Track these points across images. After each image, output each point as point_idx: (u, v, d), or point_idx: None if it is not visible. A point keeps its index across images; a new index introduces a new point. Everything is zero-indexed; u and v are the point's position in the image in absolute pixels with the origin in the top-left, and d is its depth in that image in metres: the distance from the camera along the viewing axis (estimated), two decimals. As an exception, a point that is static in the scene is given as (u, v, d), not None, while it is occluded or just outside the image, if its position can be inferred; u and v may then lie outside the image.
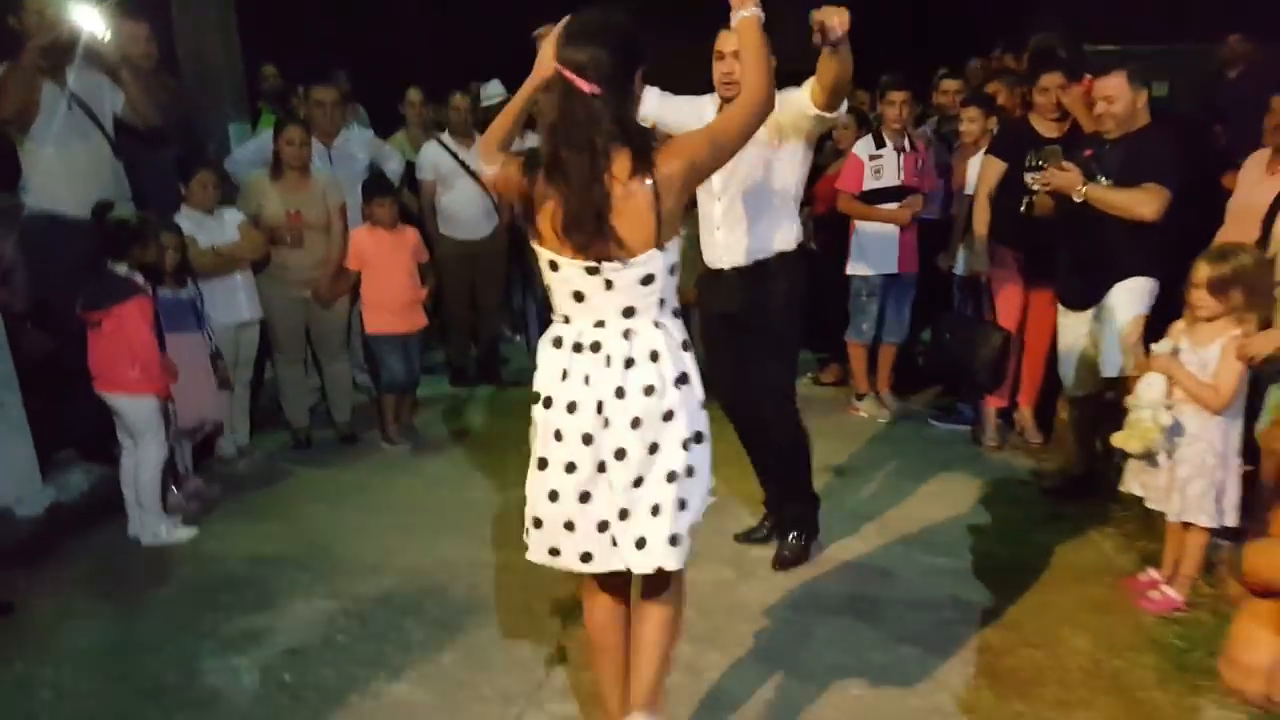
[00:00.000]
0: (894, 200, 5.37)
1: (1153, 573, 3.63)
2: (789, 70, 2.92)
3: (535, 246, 2.30)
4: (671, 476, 2.29)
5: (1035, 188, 4.41)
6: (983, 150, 5.11)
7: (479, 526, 4.33)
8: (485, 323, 6.61)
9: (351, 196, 5.40)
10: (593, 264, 2.20)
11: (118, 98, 4.66)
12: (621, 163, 2.13)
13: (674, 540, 2.31)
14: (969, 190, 5.21)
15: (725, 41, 3.36)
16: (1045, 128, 4.78)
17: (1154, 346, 3.51)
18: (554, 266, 2.27)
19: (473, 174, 6.04)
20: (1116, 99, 4.06)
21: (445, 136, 6.18)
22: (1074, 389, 4.49)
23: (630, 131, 2.17)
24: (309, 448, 5.41)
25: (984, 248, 4.98)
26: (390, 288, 5.23)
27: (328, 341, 5.39)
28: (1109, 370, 4.10)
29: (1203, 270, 3.29)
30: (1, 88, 4.21)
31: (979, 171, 5.04)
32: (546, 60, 2.26)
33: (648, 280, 2.22)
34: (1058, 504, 4.41)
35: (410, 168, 6.29)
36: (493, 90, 6.58)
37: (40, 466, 4.40)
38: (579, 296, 2.27)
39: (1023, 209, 4.61)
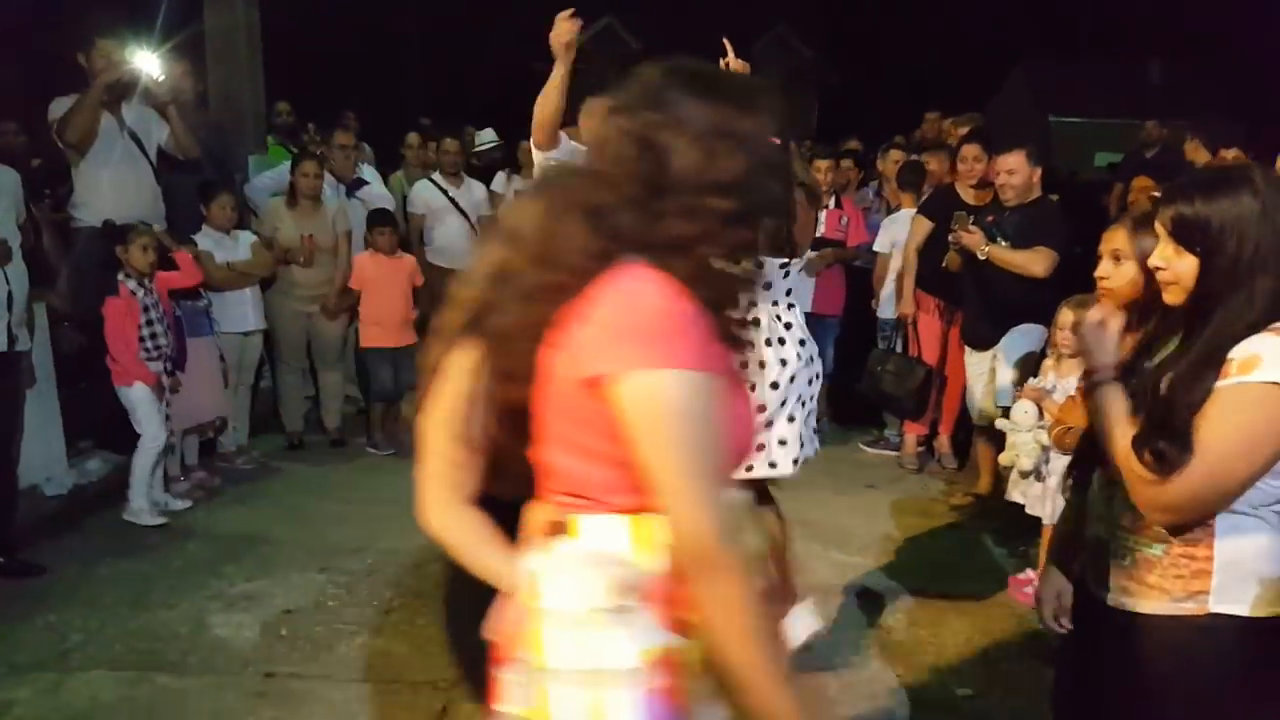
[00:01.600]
0: (815, 250, 6.02)
1: (1029, 572, 4.24)
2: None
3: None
4: None
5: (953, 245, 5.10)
6: (899, 213, 5.84)
7: (453, 519, 4.90)
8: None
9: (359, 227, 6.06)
10: None
11: (163, 131, 5.31)
12: None
13: None
14: (877, 248, 5.99)
15: None
16: (967, 194, 5.41)
17: (1029, 381, 4.14)
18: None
19: (461, 210, 6.69)
20: (1016, 172, 4.72)
21: (437, 176, 6.82)
22: (978, 419, 5.12)
23: None
24: (302, 449, 5.98)
25: (910, 293, 5.63)
26: (386, 307, 5.85)
27: (326, 353, 5.99)
28: (1003, 400, 4.74)
29: (1065, 314, 3.90)
30: (70, 117, 4.86)
31: (910, 228, 5.69)
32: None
33: None
34: (960, 516, 5.03)
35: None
36: (486, 137, 7.29)
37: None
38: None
39: (944, 264, 5.29)
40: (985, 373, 4.94)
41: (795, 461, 3.16)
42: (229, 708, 3.24)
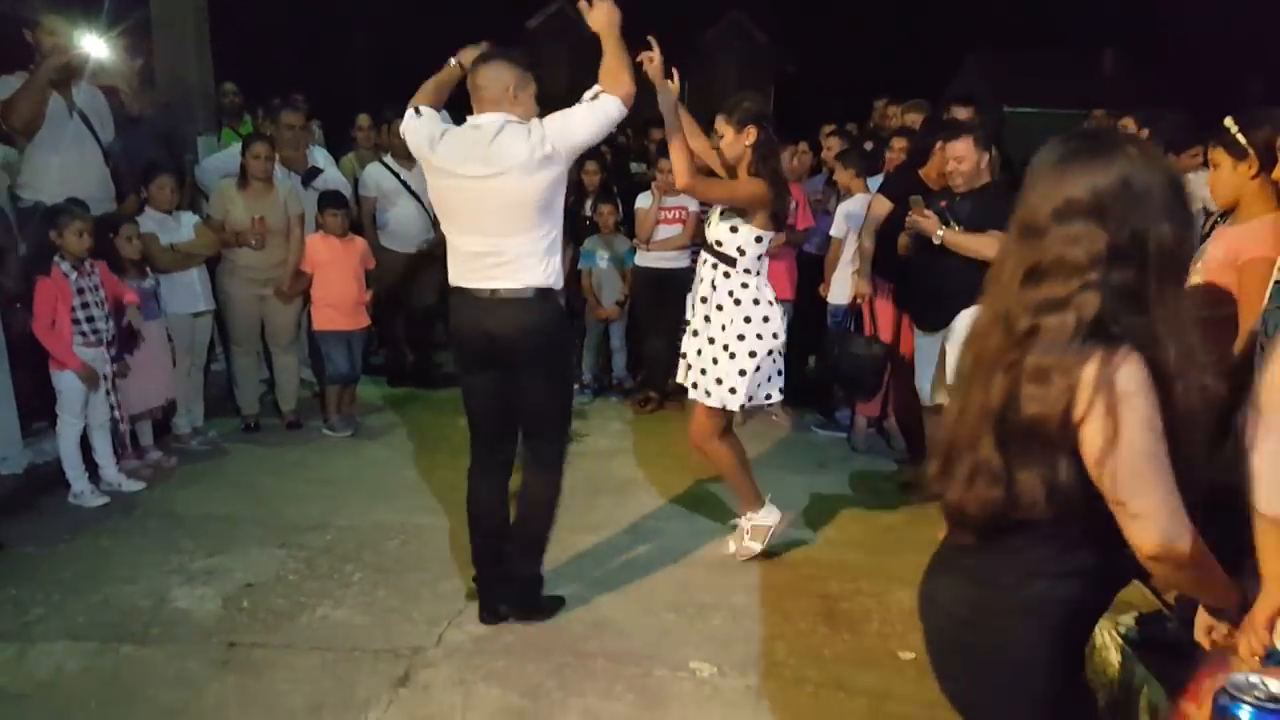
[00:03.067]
0: None
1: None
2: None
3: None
4: None
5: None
6: (856, 196, 5.96)
7: (411, 497, 4.98)
8: (421, 329, 7.25)
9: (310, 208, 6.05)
10: None
11: (108, 119, 5.28)
12: None
13: None
14: (833, 232, 6.07)
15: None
16: (929, 178, 5.51)
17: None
18: None
19: (413, 192, 6.71)
20: (965, 159, 4.86)
21: (388, 158, 6.83)
22: (928, 400, 5.27)
23: None
24: (258, 431, 5.99)
25: (868, 274, 5.74)
26: (338, 289, 5.87)
27: (280, 335, 5.99)
28: (950, 382, 4.88)
29: None
30: (16, 102, 4.80)
31: (868, 208, 5.79)
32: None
33: None
34: (908, 495, 5.18)
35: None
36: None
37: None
38: None
39: (899, 248, 5.43)
40: (935, 355, 5.08)
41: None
42: (193, 675, 3.29)
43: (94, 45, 4.95)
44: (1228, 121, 3.10)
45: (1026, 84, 29.31)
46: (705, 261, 4.27)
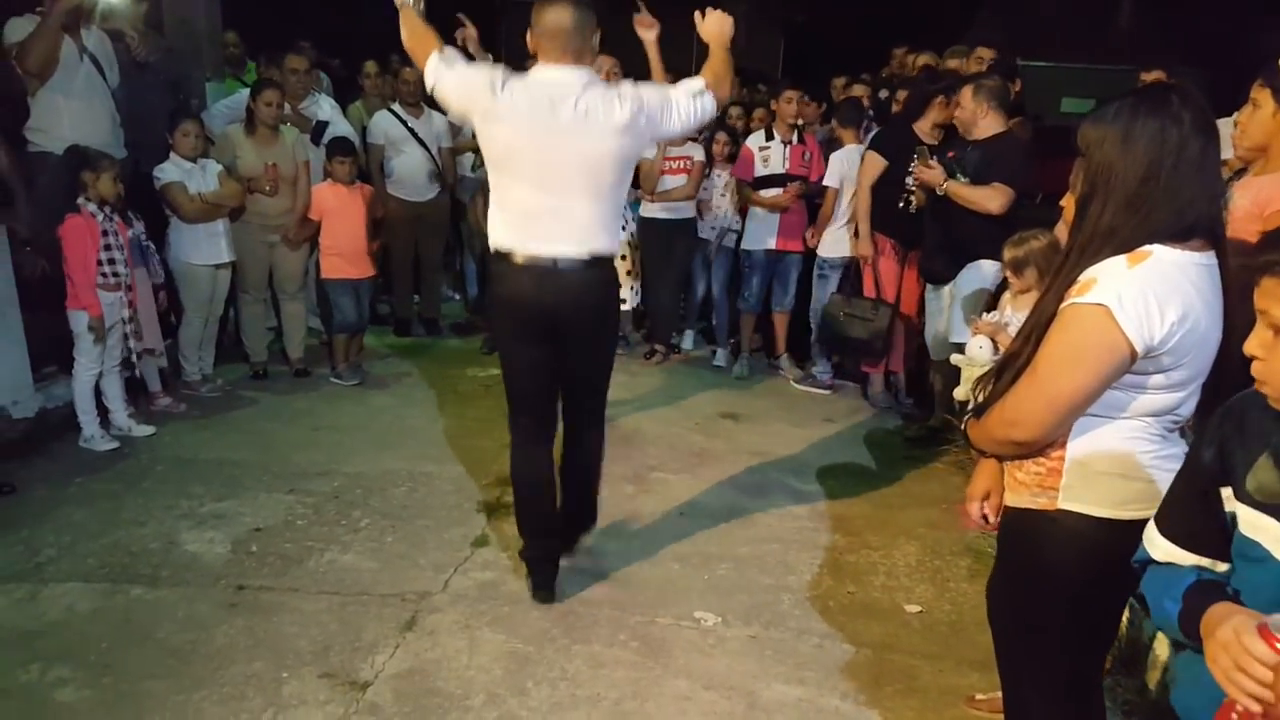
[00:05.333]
0: (779, 186, 6.11)
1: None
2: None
3: None
4: None
5: (912, 185, 5.19)
6: (845, 149, 5.93)
7: (417, 446, 4.99)
8: (428, 279, 7.24)
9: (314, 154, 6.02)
10: None
11: (115, 65, 5.23)
12: None
13: None
14: (828, 182, 5.99)
15: None
16: (923, 131, 5.49)
17: (984, 315, 4.27)
18: None
19: (421, 141, 6.67)
20: (964, 107, 4.82)
21: (396, 106, 6.78)
22: (935, 354, 5.26)
23: None
24: (266, 379, 6.00)
25: (867, 233, 5.71)
26: (346, 237, 5.85)
27: (288, 282, 5.98)
28: (956, 336, 4.87)
29: (1006, 252, 4.03)
30: (31, 44, 4.75)
31: (861, 165, 5.74)
32: None
33: None
34: (914, 449, 5.19)
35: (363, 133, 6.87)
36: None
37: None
38: None
39: (905, 205, 5.39)
40: (942, 308, 5.06)
41: None
42: (202, 617, 3.32)
43: None
44: None
45: (1040, 37, 28.85)
46: None
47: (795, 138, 6.14)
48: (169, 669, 3.04)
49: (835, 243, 6.00)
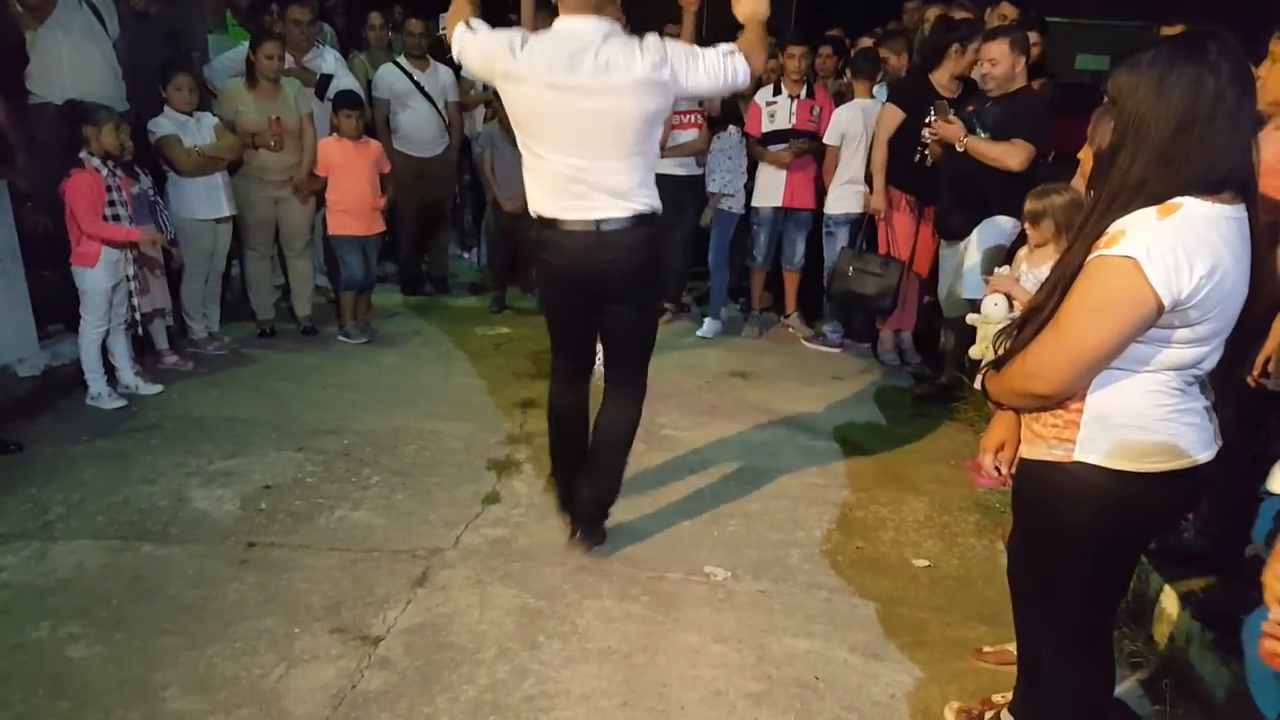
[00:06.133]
0: (787, 142, 6.03)
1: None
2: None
3: None
4: None
5: (927, 139, 5.11)
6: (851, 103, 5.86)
7: (427, 404, 4.98)
8: (436, 236, 7.18)
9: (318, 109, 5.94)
10: None
11: (113, 15, 5.15)
12: None
13: None
14: (826, 139, 5.95)
15: None
16: (940, 83, 5.41)
17: (998, 270, 4.22)
18: None
19: (427, 95, 6.59)
20: (999, 61, 4.72)
21: (401, 59, 6.68)
22: (948, 311, 5.22)
23: None
24: (273, 337, 5.98)
25: (882, 189, 5.64)
26: (353, 193, 5.80)
27: (295, 239, 5.95)
28: (970, 292, 4.82)
29: (1027, 204, 3.97)
30: None
31: (879, 118, 5.67)
32: None
33: None
34: (924, 407, 5.17)
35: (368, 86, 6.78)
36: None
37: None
38: None
39: (921, 159, 5.32)
40: (957, 264, 5.01)
41: None
42: (213, 574, 3.32)
43: None
44: None
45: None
46: None
47: (804, 92, 6.06)
48: (180, 625, 3.04)
49: (840, 199, 5.94)
